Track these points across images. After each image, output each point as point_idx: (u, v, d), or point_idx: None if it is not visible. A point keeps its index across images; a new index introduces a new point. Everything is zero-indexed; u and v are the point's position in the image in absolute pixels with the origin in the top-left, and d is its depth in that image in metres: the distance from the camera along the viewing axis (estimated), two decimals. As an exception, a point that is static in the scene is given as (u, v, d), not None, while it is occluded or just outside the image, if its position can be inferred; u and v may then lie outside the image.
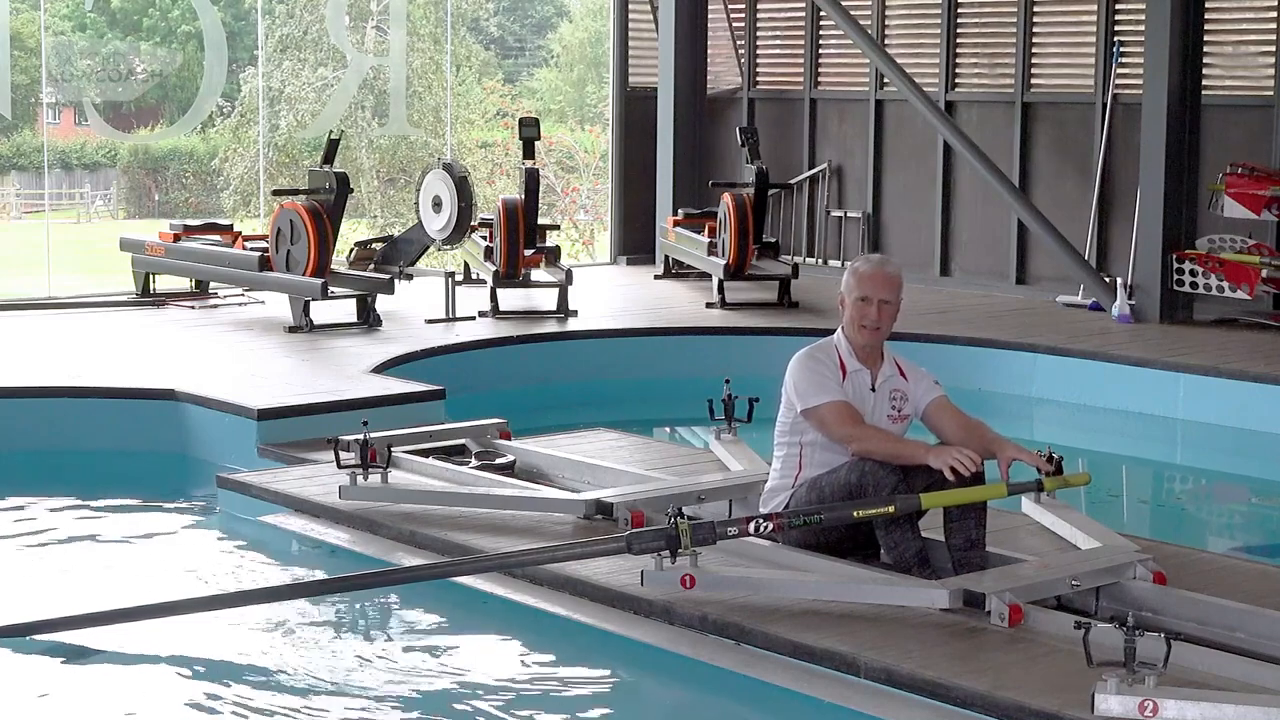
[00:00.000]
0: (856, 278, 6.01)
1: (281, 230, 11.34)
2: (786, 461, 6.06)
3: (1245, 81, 12.34)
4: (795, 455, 6.02)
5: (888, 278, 6.02)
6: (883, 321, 5.99)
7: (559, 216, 23.00)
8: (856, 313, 5.98)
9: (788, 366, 6.05)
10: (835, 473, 5.87)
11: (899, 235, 14.32)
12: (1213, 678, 4.77)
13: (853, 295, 6.00)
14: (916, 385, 6.09)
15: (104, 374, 9.27)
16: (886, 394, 6.03)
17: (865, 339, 6.00)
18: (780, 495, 6.05)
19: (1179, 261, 11.80)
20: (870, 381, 6.02)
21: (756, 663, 5.26)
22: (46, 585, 6.66)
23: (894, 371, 6.08)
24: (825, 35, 14.81)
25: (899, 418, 6.04)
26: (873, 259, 6.15)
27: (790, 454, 6.04)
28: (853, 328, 6.01)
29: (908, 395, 6.06)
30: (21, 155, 26.11)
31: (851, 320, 6.00)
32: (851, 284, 6.02)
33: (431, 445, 7.65)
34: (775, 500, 6.07)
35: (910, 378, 6.10)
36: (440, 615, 6.20)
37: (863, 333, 5.98)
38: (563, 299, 11.81)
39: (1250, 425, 9.81)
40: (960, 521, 5.77)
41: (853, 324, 6.00)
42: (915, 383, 6.10)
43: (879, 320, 5.97)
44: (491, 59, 29.33)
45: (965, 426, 6.02)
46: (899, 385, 6.06)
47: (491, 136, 26.21)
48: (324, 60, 24.34)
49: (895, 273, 6.08)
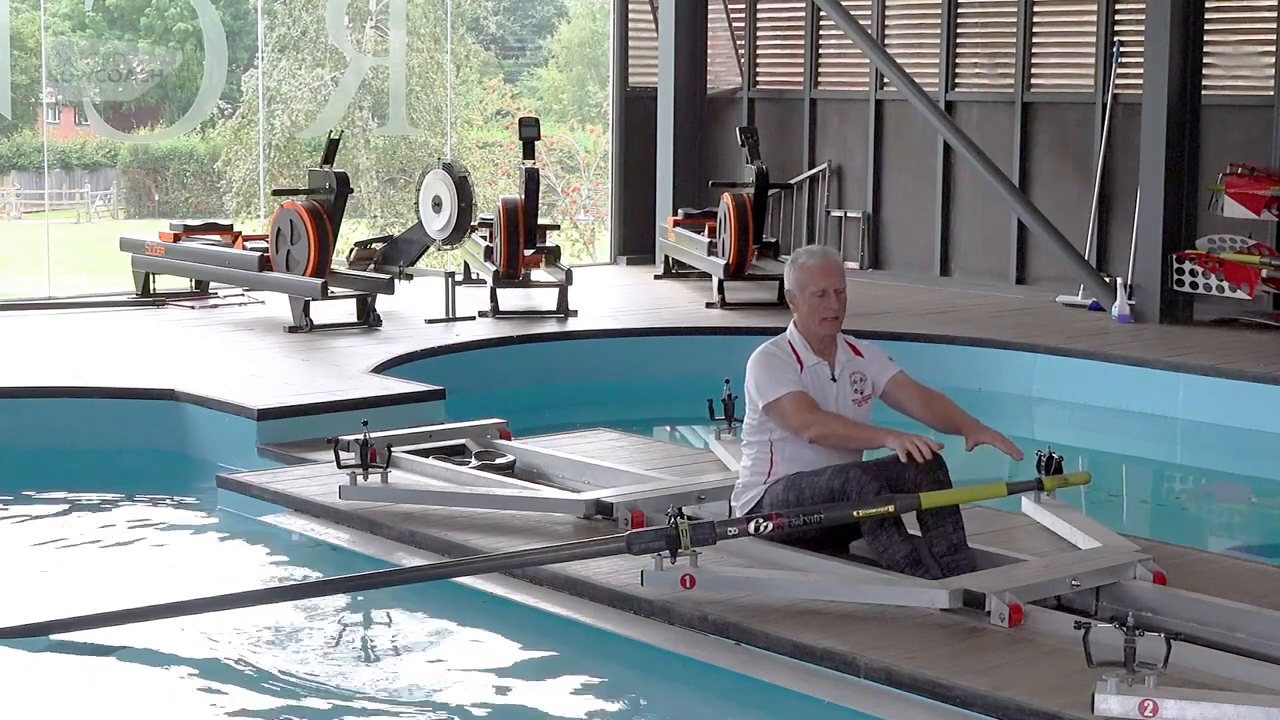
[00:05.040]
0: (807, 273, 6.00)
1: (281, 230, 11.34)
2: (757, 460, 6.05)
3: (1245, 81, 12.34)
4: (766, 453, 6.01)
5: (835, 265, 6.07)
6: (841, 310, 6.01)
7: (559, 216, 23.01)
8: (816, 306, 5.97)
9: (747, 367, 6.05)
10: (818, 475, 5.86)
11: (899, 235, 14.32)
12: (1213, 678, 4.77)
13: (807, 291, 5.99)
14: (872, 362, 6.11)
15: (104, 374, 9.27)
16: (847, 379, 6.04)
17: (827, 330, 6.00)
18: (752, 492, 6.05)
19: (1179, 261, 11.80)
20: (830, 372, 6.02)
21: (756, 663, 5.26)
22: (46, 585, 6.66)
23: (849, 355, 6.09)
24: (825, 35, 14.81)
25: (862, 400, 6.05)
26: (814, 250, 6.15)
27: (760, 452, 6.04)
28: (812, 321, 5.99)
29: (865, 375, 6.07)
30: (21, 155, 26.13)
31: (811, 314, 5.99)
32: (803, 280, 6.00)
33: (431, 445, 7.65)
34: (746, 497, 6.06)
35: (865, 355, 6.12)
36: (440, 615, 6.19)
37: (824, 325, 5.99)
38: (563, 299, 11.81)
39: (1250, 425, 9.81)
40: (938, 528, 5.75)
41: (812, 318, 5.99)
42: (870, 359, 6.12)
43: (839, 309, 6.00)
44: (491, 59, 29.33)
45: (928, 402, 6.05)
46: (856, 367, 6.07)
47: (491, 136, 26.21)
48: (322, 60, 24.34)
49: (839, 259, 6.19)
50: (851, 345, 6.13)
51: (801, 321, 6.04)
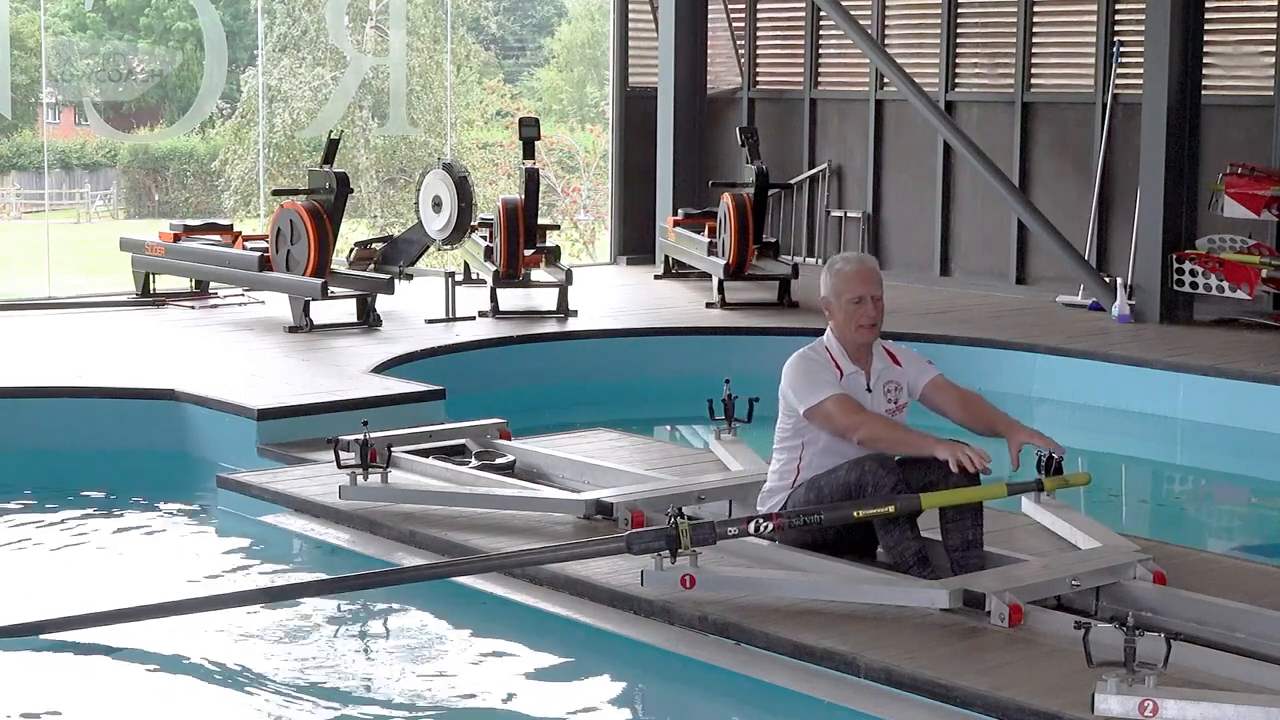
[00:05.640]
0: (844, 279, 5.95)
1: (281, 230, 11.34)
2: (786, 464, 6.04)
3: (1245, 81, 12.34)
4: (795, 457, 6.00)
5: (872, 272, 6.01)
6: (879, 318, 5.96)
7: (559, 216, 23.01)
8: (852, 314, 5.92)
9: (783, 372, 6.02)
10: (834, 472, 5.85)
11: (899, 235, 14.31)
12: (1213, 678, 4.77)
13: (843, 298, 5.93)
14: (909, 368, 6.06)
15: (104, 374, 9.27)
16: (881, 389, 6.00)
17: (864, 338, 5.96)
18: (777, 496, 6.04)
19: (1179, 261, 11.80)
20: (865, 382, 5.98)
21: (756, 663, 5.26)
22: (46, 585, 6.66)
23: (886, 362, 6.05)
24: (825, 35, 14.81)
25: (896, 409, 6.02)
26: (851, 257, 6.09)
27: (790, 457, 6.02)
28: (848, 329, 5.95)
29: (901, 384, 6.03)
30: (21, 155, 26.11)
31: (847, 322, 5.94)
32: (839, 286, 5.95)
33: (431, 445, 7.65)
34: (772, 501, 6.05)
35: (903, 363, 6.08)
36: (440, 615, 6.19)
37: (861, 332, 5.94)
38: (563, 299, 11.81)
39: (1250, 425, 9.81)
40: (957, 522, 5.75)
41: (849, 325, 5.94)
42: (908, 366, 6.07)
43: (875, 317, 5.94)
44: (491, 59, 29.33)
45: (966, 405, 6.02)
46: (892, 376, 6.03)
47: (491, 136, 26.21)
48: (322, 60, 24.33)
49: (876, 266, 6.11)
50: (890, 353, 6.08)
51: (838, 328, 5.98)
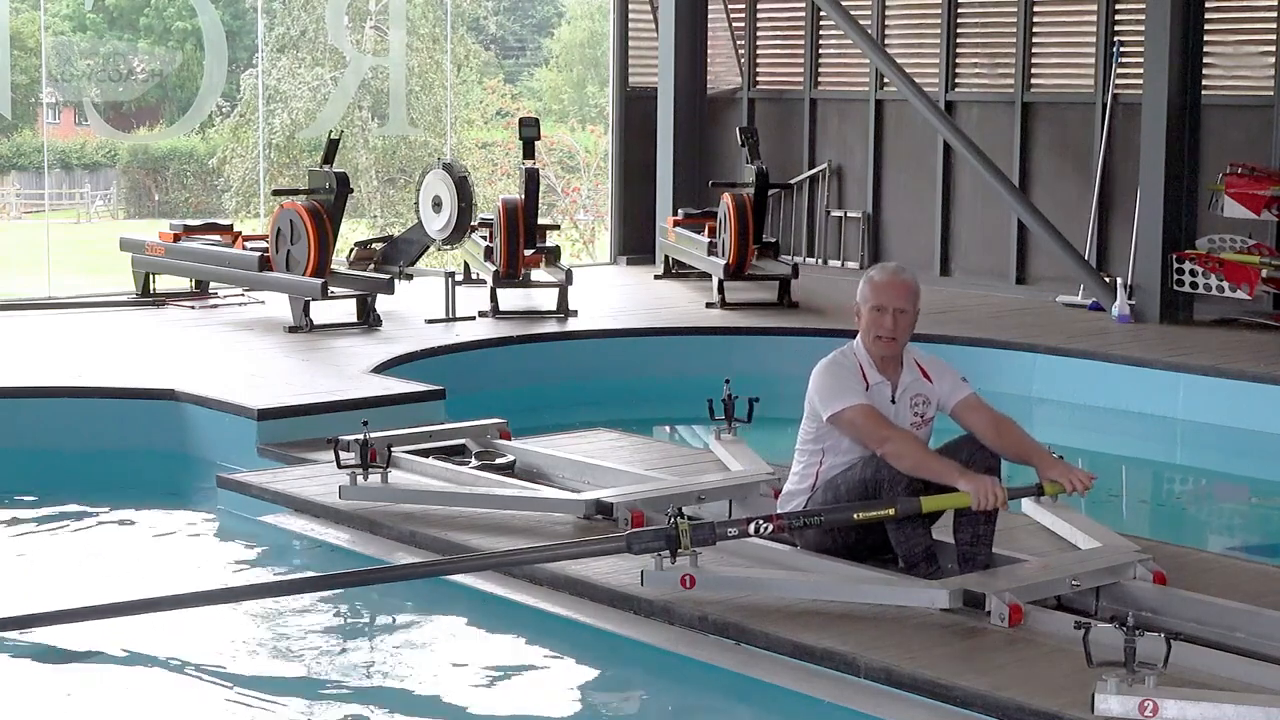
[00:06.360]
0: (871, 286, 5.89)
1: (281, 230, 11.34)
2: (806, 468, 5.99)
3: (1245, 81, 12.34)
4: (815, 463, 5.95)
5: (903, 285, 5.88)
6: (899, 332, 5.85)
7: (559, 216, 23.01)
8: (872, 322, 5.86)
9: (811, 375, 5.94)
10: (850, 470, 5.82)
11: (899, 235, 14.32)
12: (1212, 678, 4.77)
13: (867, 304, 5.87)
14: (940, 383, 5.94)
15: (104, 374, 9.27)
16: (907, 403, 5.90)
17: (882, 349, 5.87)
18: (796, 500, 6.00)
19: (1179, 261, 11.80)
20: (890, 393, 5.88)
21: (756, 663, 5.26)
22: (46, 585, 6.66)
23: (916, 375, 5.94)
24: (825, 35, 14.81)
25: (922, 423, 5.92)
26: (888, 267, 6.03)
27: (810, 461, 5.97)
28: (866, 337, 5.89)
29: (930, 398, 5.92)
30: (21, 155, 26.11)
31: (866, 329, 5.88)
32: (866, 293, 5.89)
33: (431, 445, 7.65)
34: (791, 505, 6.01)
35: (934, 377, 5.95)
36: (440, 615, 6.20)
37: (878, 343, 5.86)
38: (563, 299, 11.81)
39: (1250, 425, 9.80)
40: (970, 516, 5.71)
41: (867, 333, 5.88)
42: (939, 381, 5.95)
43: (894, 330, 5.84)
44: (491, 59, 29.33)
45: (999, 429, 5.84)
46: (920, 390, 5.92)
47: (491, 136, 26.20)
48: (321, 60, 24.33)
49: (911, 280, 5.94)
50: (922, 367, 5.97)
51: (861, 335, 5.93)
